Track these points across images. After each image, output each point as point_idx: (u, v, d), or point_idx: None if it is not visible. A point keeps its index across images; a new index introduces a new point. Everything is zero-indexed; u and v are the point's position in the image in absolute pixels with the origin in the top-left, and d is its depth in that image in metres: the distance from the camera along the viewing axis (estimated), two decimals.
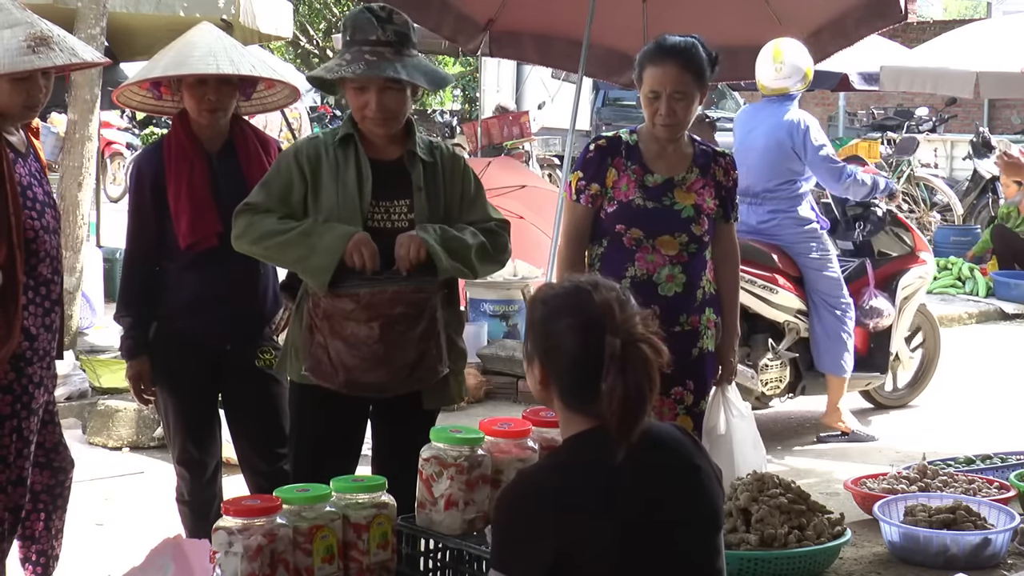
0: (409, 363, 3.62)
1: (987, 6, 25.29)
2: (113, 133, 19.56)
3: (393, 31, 3.65)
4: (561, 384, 2.45)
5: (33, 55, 3.71)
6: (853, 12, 7.23)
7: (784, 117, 6.71)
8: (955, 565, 3.23)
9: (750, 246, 6.55)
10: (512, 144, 15.23)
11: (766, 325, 6.81)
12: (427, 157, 3.75)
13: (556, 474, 2.41)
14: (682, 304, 4.10)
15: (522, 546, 2.33)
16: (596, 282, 2.49)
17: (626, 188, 4.11)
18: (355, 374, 3.60)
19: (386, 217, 3.69)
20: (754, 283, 6.61)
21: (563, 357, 2.43)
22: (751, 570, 3.16)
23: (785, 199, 6.78)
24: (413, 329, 3.60)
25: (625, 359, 2.35)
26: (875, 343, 7.13)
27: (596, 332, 2.38)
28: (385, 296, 3.58)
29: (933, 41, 13.87)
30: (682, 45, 4.04)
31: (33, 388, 3.87)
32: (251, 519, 2.80)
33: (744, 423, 4.26)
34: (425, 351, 3.63)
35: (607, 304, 2.42)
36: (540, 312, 2.49)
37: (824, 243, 6.85)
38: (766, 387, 6.80)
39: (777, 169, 6.73)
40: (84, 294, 8.40)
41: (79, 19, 7.89)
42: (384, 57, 3.62)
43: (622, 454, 2.36)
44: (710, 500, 2.49)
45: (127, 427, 6.65)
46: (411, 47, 3.69)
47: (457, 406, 7.40)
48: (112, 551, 4.84)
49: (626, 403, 2.34)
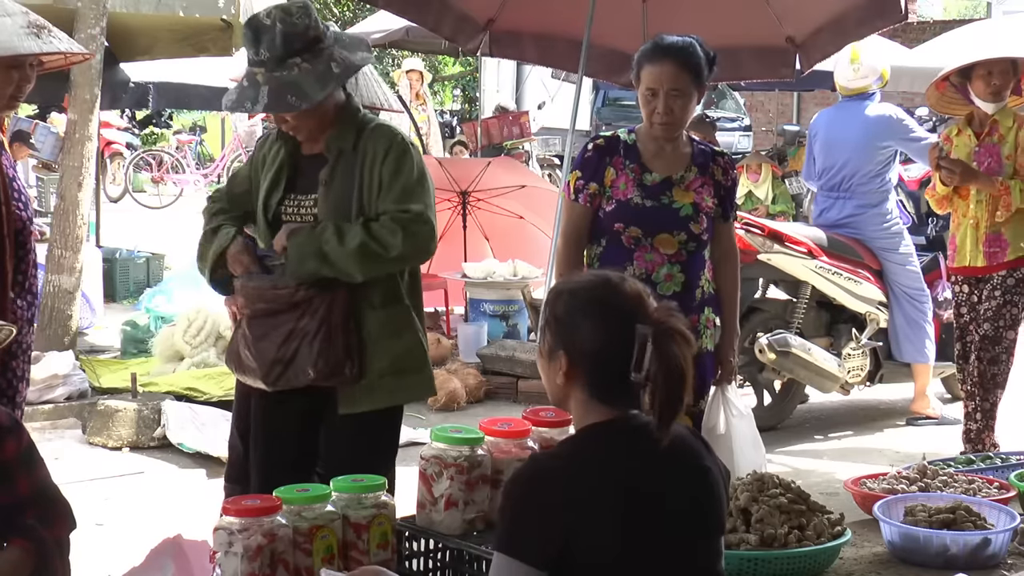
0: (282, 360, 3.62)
1: (987, 6, 25.32)
2: (113, 133, 19.58)
3: (267, 46, 3.56)
4: (589, 376, 2.44)
5: (36, 40, 3.70)
6: (853, 12, 7.23)
7: (874, 112, 7.07)
8: (955, 565, 3.23)
9: (835, 239, 6.98)
10: (512, 144, 15.23)
11: (849, 316, 7.15)
12: (348, 145, 3.70)
13: (568, 462, 2.41)
14: (681, 303, 4.01)
15: (531, 531, 2.33)
16: (622, 275, 2.50)
17: (624, 187, 4.11)
18: (242, 369, 3.73)
19: (296, 211, 3.76)
20: (840, 275, 6.93)
21: (593, 348, 2.42)
22: (751, 570, 3.15)
23: (874, 192, 7.09)
24: (277, 328, 3.62)
25: (659, 348, 2.35)
26: (947, 333, 7.27)
27: (627, 322, 2.39)
28: (247, 291, 3.69)
29: (933, 41, 13.84)
30: (680, 44, 4.04)
31: (17, 382, 3.86)
32: (251, 519, 2.80)
33: (744, 423, 4.26)
34: (298, 350, 3.61)
35: (637, 294, 2.43)
36: (566, 304, 2.47)
37: (906, 238, 7.21)
38: (849, 375, 7.03)
39: (868, 163, 7.03)
40: (84, 294, 8.41)
41: (79, 19, 7.89)
42: (254, 81, 3.60)
43: (667, 439, 2.37)
44: (716, 502, 2.49)
45: (127, 427, 6.65)
46: (294, 56, 3.57)
47: (457, 406, 7.49)
48: (112, 551, 4.84)
49: (669, 387, 2.35)
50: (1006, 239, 5.70)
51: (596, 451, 2.41)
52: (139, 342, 8.45)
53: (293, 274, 3.61)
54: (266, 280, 3.68)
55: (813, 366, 6.77)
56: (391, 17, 10.86)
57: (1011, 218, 5.65)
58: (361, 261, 3.58)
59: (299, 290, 3.61)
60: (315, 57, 3.61)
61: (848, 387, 7.13)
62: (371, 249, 3.58)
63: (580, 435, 2.48)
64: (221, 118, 21.07)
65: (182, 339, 7.87)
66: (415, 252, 3.67)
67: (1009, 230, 5.69)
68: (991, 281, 5.75)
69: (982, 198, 5.71)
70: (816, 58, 7.57)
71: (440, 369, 7.86)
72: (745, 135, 21.09)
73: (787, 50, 7.66)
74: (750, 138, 21.10)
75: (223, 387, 7.01)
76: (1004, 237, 5.70)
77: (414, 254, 3.67)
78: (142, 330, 8.50)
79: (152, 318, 8.55)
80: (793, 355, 6.65)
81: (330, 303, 3.61)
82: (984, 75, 5.71)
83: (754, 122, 21.97)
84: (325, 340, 3.60)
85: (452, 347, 8.55)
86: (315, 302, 3.60)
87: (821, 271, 6.85)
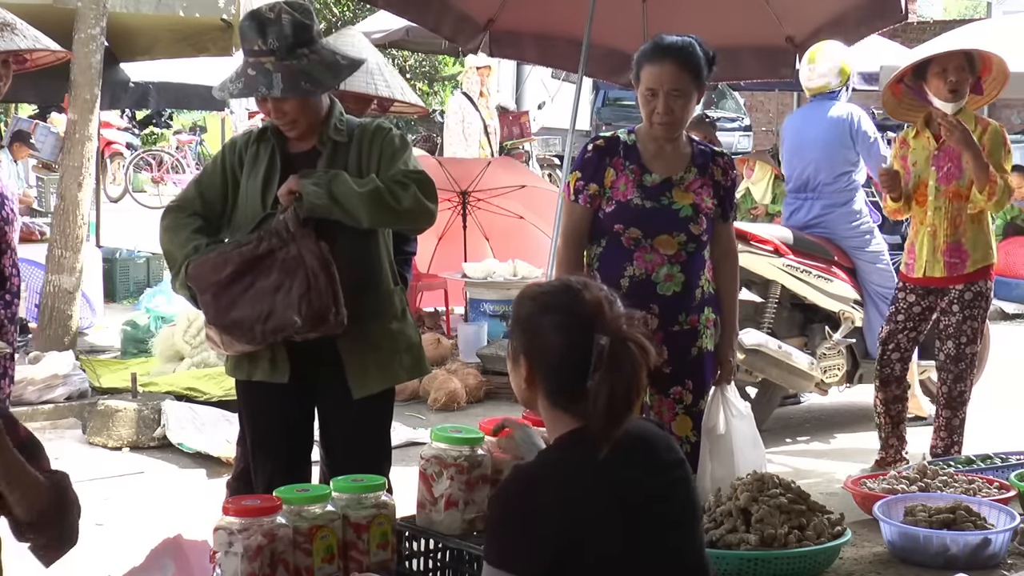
0: (260, 317, 3.60)
1: (987, 6, 25.31)
2: (113, 133, 19.59)
3: (276, 36, 3.59)
4: (548, 382, 2.44)
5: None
6: (853, 12, 7.24)
7: (833, 112, 6.91)
8: (955, 565, 3.23)
9: (802, 238, 6.86)
10: (512, 144, 15.22)
11: (823, 315, 7.02)
12: (342, 138, 3.74)
13: (552, 470, 2.41)
14: (681, 303, 4.10)
15: (519, 541, 2.32)
16: (586, 281, 2.48)
17: (624, 188, 4.11)
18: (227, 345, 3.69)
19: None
20: (809, 272, 6.81)
21: (551, 355, 2.42)
22: (751, 570, 3.16)
23: (841, 192, 6.97)
24: (244, 292, 3.61)
25: (613, 358, 2.34)
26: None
27: (585, 330, 2.37)
28: (207, 264, 3.65)
29: (933, 41, 13.84)
30: (679, 44, 4.04)
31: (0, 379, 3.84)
32: (251, 519, 2.80)
33: (743, 422, 4.25)
34: (273, 303, 3.59)
35: (597, 302, 2.42)
36: (528, 309, 2.48)
37: (876, 237, 7.07)
38: (825, 374, 6.93)
39: (833, 163, 6.91)
40: (84, 294, 8.41)
41: (79, 19, 7.89)
42: (263, 69, 3.59)
43: (605, 452, 2.35)
44: (691, 491, 2.51)
45: (127, 427, 6.65)
46: (302, 47, 3.62)
47: (457, 406, 7.48)
48: (112, 551, 4.84)
49: (612, 403, 2.33)
50: (966, 250, 5.59)
51: (574, 458, 2.40)
52: (139, 342, 8.45)
53: (311, 208, 3.57)
54: (226, 245, 3.68)
55: (785, 364, 6.64)
56: (391, 17, 10.87)
57: (971, 227, 5.53)
58: (371, 206, 3.59)
59: (261, 242, 3.60)
60: (320, 50, 3.67)
61: (825, 387, 6.98)
62: (383, 198, 3.60)
63: (558, 444, 2.47)
64: (221, 118, 21.04)
65: (182, 339, 7.87)
66: (422, 211, 3.67)
67: (969, 240, 5.58)
68: (948, 295, 5.66)
69: (940, 205, 5.58)
70: None
71: (440, 369, 7.87)
72: (745, 135, 21.10)
73: (787, 50, 7.67)
74: (750, 138, 21.11)
75: (223, 387, 7.01)
76: (964, 248, 5.59)
77: (421, 212, 3.68)
78: (142, 330, 8.51)
79: (152, 318, 8.56)
80: (763, 353, 6.53)
81: (297, 252, 3.58)
82: (939, 72, 5.54)
83: (754, 122, 21.97)
84: (303, 283, 3.57)
85: (452, 347, 8.55)
86: (278, 254, 3.59)
87: (789, 269, 6.74)
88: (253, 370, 3.78)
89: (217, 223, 3.82)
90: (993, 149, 5.51)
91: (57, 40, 4.37)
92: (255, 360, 3.76)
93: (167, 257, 3.86)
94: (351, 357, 3.73)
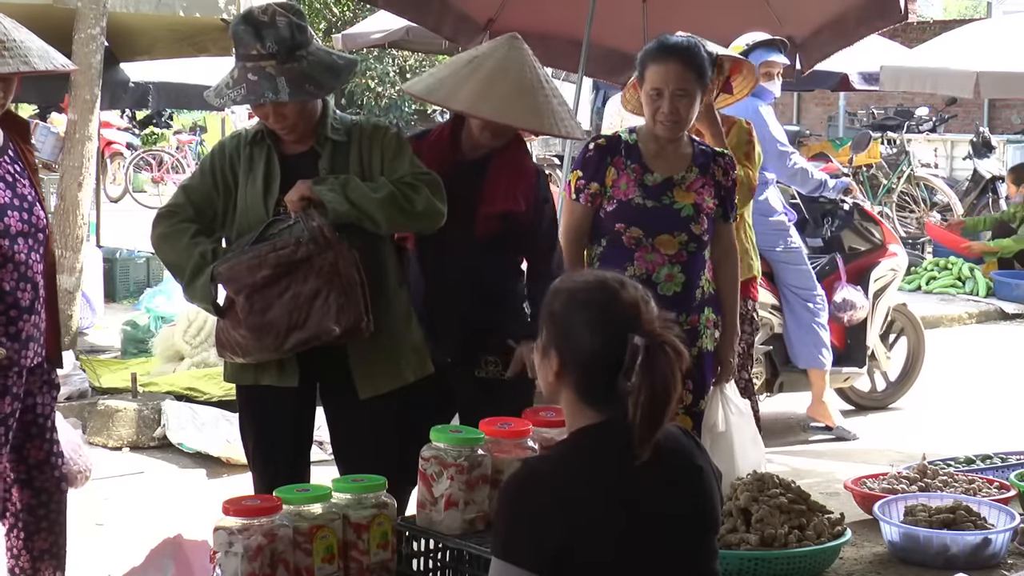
0: (296, 325, 3.57)
1: (987, 6, 25.27)
2: (113, 133, 19.57)
3: (274, 39, 3.57)
4: (577, 379, 2.43)
5: None
6: (853, 12, 7.23)
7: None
8: (955, 565, 3.23)
9: None
10: None
11: None
12: (340, 137, 3.73)
13: (562, 466, 2.40)
14: (681, 303, 4.10)
15: (527, 534, 2.32)
16: (622, 279, 2.46)
17: (625, 187, 4.11)
18: (249, 351, 3.64)
19: None
20: None
21: (583, 352, 2.40)
22: (751, 570, 3.16)
23: None
24: (281, 296, 3.57)
25: (648, 360, 2.32)
26: (851, 338, 7.14)
27: (621, 330, 2.36)
28: (241, 265, 3.59)
29: (933, 41, 13.83)
30: (684, 44, 4.05)
31: None
32: (251, 519, 2.80)
33: (743, 421, 4.26)
34: (310, 311, 3.56)
35: (634, 302, 2.40)
36: (563, 303, 2.45)
37: (792, 236, 6.78)
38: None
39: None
40: (84, 294, 8.41)
41: (79, 19, 7.89)
42: (264, 73, 3.56)
43: (646, 455, 2.34)
44: (710, 501, 2.49)
45: (127, 427, 6.65)
46: (300, 49, 3.60)
47: None
48: (112, 551, 4.84)
49: (652, 403, 2.32)
50: None
51: (589, 454, 2.39)
52: (139, 342, 8.45)
53: (336, 215, 3.56)
54: (261, 246, 3.60)
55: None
56: (391, 17, 10.87)
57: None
58: (388, 210, 3.61)
59: (300, 247, 3.55)
60: (316, 51, 3.66)
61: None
62: (398, 201, 3.62)
63: (572, 438, 2.46)
64: (221, 118, 21.05)
65: (182, 339, 7.87)
66: (435, 212, 3.69)
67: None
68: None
69: None
70: (816, 58, 7.57)
71: None
72: None
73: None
74: None
75: (223, 387, 7.00)
76: None
77: (434, 214, 3.69)
78: (142, 330, 8.50)
79: (152, 318, 8.55)
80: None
81: (334, 260, 3.56)
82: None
83: None
84: (341, 293, 3.56)
85: None
86: (315, 261, 3.56)
87: None
88: (260, 375, 3.76)
89: (210, 226, 3.79)
90: (737, 146, 5.30)
91: (57, 40, 4.35)
92: (262, 364, 3.73)
93: (170, 266, 3.83)
94: (358, 357, 3.73)
